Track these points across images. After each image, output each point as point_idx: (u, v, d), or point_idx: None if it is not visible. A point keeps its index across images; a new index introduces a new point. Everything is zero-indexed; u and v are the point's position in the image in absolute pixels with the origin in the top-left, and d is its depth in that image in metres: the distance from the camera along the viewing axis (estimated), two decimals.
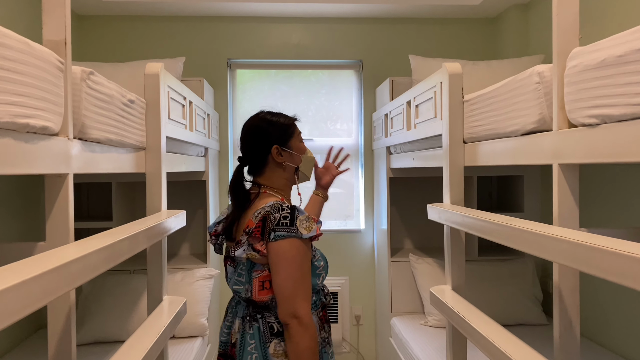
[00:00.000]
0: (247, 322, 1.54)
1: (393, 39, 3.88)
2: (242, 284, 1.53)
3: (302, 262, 1.47)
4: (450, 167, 1.99)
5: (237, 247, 1.50)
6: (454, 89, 1.99)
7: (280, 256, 1.44)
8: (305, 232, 1.46)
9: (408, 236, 3.85)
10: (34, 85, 1.02)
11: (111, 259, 1.15)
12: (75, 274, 0.97)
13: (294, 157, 1.67)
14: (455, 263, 1.96)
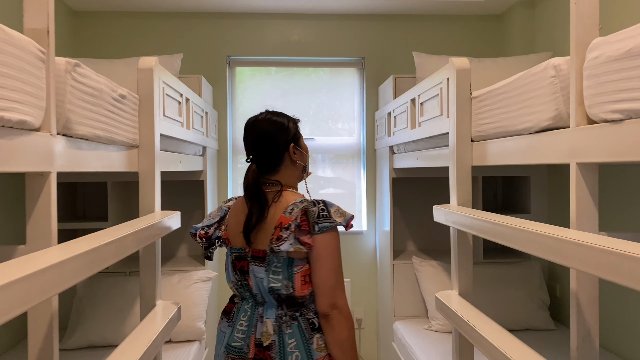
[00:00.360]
0: (284, 322, 1.53)
1: (396, 36, 3.80)
2: (280, 281, 1.51)
3: (339, 253, 1.53)
4: (458, 167, 1.90)
5: (278, 242, 1.47)
6: (462, 85, 1.90)
7: (325, 248, 1.48)
8: (342, 220, 1.52)
9: (411, 238, 3.76)
10: (9, 76, 0.94)
11: (95, 263, 1.07)
12: (55, 280, 0.89)
13: (304, 155, 1.71)
14: (463, 267, 1.87)
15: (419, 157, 2.63)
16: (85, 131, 1.30)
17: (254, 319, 1.57)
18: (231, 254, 1.62)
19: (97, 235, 1.20)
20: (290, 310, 1.54)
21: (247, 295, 1.60)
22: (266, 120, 1.63)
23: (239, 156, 3.82)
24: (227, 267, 1.65)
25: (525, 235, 1.17)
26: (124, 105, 1.62)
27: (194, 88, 3.17)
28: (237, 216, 1.63)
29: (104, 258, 1.10)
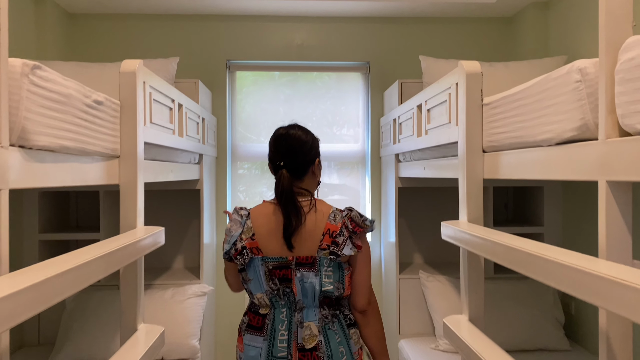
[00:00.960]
0: (328, 322, 1.62)
1: (402, 40, 3.64)
2: (332, 284, 1.60)
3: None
4: (468, 180, 1.74)
5: (338, 247, 1.59)
6: (472, 90, 1.74)
7: (367, 251, 1.67)
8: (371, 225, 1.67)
9: (418, 250, 3.59)
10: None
11: (53, 294, 0.92)
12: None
13: (320, 170, 1.85)
14: (473, 291, 1.71)
15: (426, 167, 2.47)
16: (48, 142, 1.15)
17: (293, 326, 1.62)
18: (265, 263, 1.62)
19: (56, 261, 1.05)
20: (331, 310, 1.63)
21: (282, 303, 1.64)
22: (302, 131, 1.79)
23: (238, 163, 3.68)
24: (256, 278, 1.64)
25: (545, 264, 1.01)
26: (100, 112, 1.47)
27: (190, 93, 3.03)
28: (269, 223, 1.66)
29: (64, 288, 0.96)
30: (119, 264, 1.35)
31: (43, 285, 0.87)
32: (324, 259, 1.59)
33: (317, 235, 1.61)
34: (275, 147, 1.75)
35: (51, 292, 0.91)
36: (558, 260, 0.97)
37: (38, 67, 1.10)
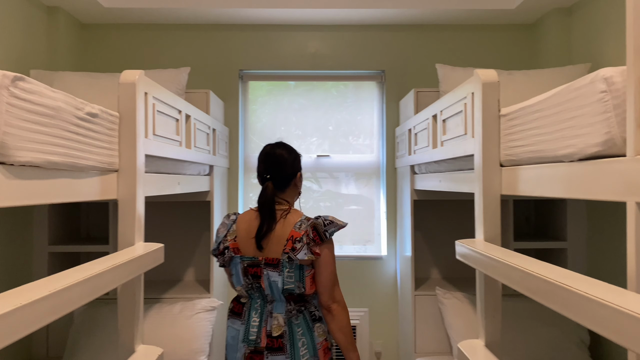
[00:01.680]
0: (293, 315, 1.89)
1: (418, 48, 3.55)
2: (293, 283, 1.85)
3: (335, 259, 1.93)
4: (484, 195, 1.63)
5: (294, 252, 1.83)
6: (489, 100, 1.64)
7: (328, 256, 1.88)
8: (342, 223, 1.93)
9: (435, 265, 3.46)
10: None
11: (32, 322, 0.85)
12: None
13: (300, 182, 2.07)
14: (490, 314, 1.60)
15: (442, 180, 2.36)
16: (32, 157, 1.09)
17: (264, 315, 1.90)
18: (242, 261, 1.90)
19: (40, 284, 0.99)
20: (297, 306, 1.90)
21: (257, 295, 1.93)
22: (285, 148, 2.01)
23: (251, 174, 3.61)
24: (236, 273, 1.93)
25: (567, 296, 0.90)
26: (95, 125, 1.41)
27: (201, 103, 2.98)
28: (248, 228, 1.93)
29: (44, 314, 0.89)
30: (114, 283, 1.29)
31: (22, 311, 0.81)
32: (285, 262, 1.84)
33: (282, 240, 1.86)
34: (262, 162, 1.99)
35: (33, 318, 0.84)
36: (581, 292, 0.86)
37: (20, 79, 1.04)
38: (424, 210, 3.40)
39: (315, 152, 3.62)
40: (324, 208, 3.61)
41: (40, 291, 0.94)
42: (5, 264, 2.69)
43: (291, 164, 1.99)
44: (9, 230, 2.70)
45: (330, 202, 3.62)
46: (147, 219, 3.40)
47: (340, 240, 3.60)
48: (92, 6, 3.16)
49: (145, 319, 2.74)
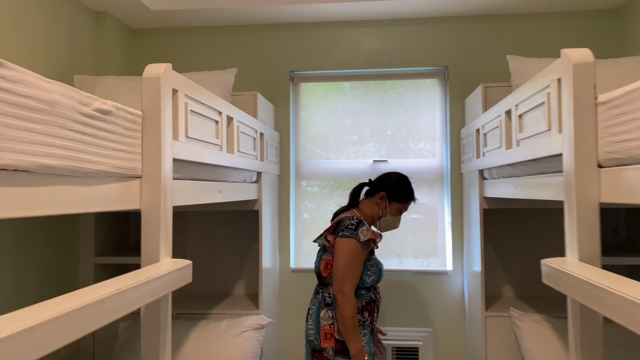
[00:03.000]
0: (315, 293, 2.22)
1: (485, 40, 3.20)
2: (317, 262, 2.24)
3: (354, 256, 2.08)
4: (578, 204, 1.31)
5: (318, 237, 2.26)
6: (582, 86, 1.31)
7: (341, 248, 2.09)
8: (362, 237, 2.08)
9: (508, 281, 3.09)
10: None
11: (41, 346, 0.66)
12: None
13: (384, 210, 2.29)
14: (588, 353, 1.26)
15: (518, 186, 2.03)
16: (15, 160, 0.89)
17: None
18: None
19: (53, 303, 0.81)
20: (319, 286, 2.23)
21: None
22: (391, 174, 2.35)
23: (304, 180, 3.39)
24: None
25: None
26: (107, 124, 1.22)
27: (248, 106, 2.79)
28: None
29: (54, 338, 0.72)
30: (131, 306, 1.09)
31: None
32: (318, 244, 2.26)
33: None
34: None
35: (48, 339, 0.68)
36: None
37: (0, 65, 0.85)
38: (494, 220, 3.05)
39: (372, 158, 3.35)
40: None
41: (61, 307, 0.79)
42: (53, 274, 2.61)
43: (381, 183, 2.30)
44: (56, 240, 2.62)
45: None
46: (193, 229, 3.30)
47: (401, 253, 3.29)
48: (140, 10, 3.06)
49: (189, 337, 2.57)
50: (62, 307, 0.88)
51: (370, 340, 2.16)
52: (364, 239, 2.07)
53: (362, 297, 2.14)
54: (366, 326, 2.13)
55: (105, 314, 1.01)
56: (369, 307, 2.15)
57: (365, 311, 2.14)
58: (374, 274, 2.16)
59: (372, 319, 2.17)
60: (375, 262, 2.18)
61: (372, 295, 2.18)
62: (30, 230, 2.45)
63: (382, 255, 3.27)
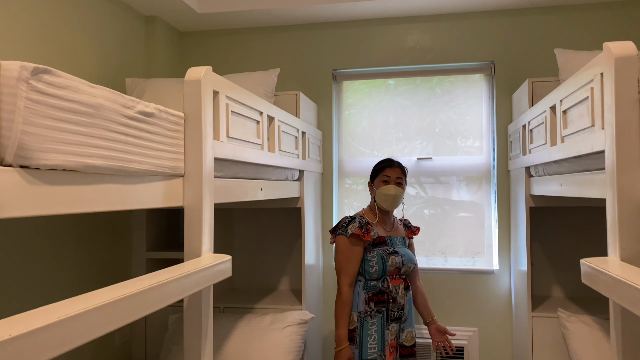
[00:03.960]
0: None
1: (533, 33, 3.12)
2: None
3: (345, 252, 2.32)
4: (619, 202, 1.27)
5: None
6: (624, 80, 1.27)
7: (336, 245, 2.37)
8: (349, 232, 2.31)
9: (557, 282, 3.00)
10: None
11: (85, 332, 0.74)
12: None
13: (373, 192, 2.46)
14: (630, 356, 1.22)
15: (563, 183, 1.97)
16: (63, 160, 0.97)
17: None
18: None
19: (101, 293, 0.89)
20: None
21: None
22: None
23: (347, 179, 3.41)
24: None
25: None
26: (151, 126, 1.29)
27: (290, 106, 2.84)
28: None
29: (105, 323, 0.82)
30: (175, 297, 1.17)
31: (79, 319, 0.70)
32: None
33: None
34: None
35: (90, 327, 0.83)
36: None
37: (45, 72, 0.92)
38: (544, 219, 2.97)
39: (418, 155, 3.33)
40: (429, 216, 3.30)
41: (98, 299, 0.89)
42: (108, 268, 2.76)
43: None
44: (109, 236, 2.76)
45: (435, 209, 3.30)
46: (241, 226, 3.38)
47: (446, 252, 3.26)
48: (187, 13, 3.17)
49: (235, 330, 2.65)
50: (110, 296, 0.95)
51: (380, 329, 2.29)
52: (350, 232, 2.29)
53: (370, 288, 2.31)
54: (373, 315, 2.29)
55: (149, 304, 1.08)
56: (375, 298, 2.29)
57: (371, 302, 2.29)
58: (377, 264, 2.29)
59: (382, 309, 2.30)
60: (377, 254, 2.30)
61: (381, 287, 2.30)
62: (87, 227, 2.60)
63: (427, 254, 3.25)
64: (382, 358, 2.28)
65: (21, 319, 0.76)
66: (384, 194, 2.38)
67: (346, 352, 2.27)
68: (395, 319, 2.32)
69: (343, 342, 2.27)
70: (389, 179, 2.39)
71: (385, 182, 2.38)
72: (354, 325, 2.31)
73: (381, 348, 2.29)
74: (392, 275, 2.33)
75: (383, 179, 2.39)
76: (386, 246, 2.35)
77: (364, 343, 2.29)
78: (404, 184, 2.43)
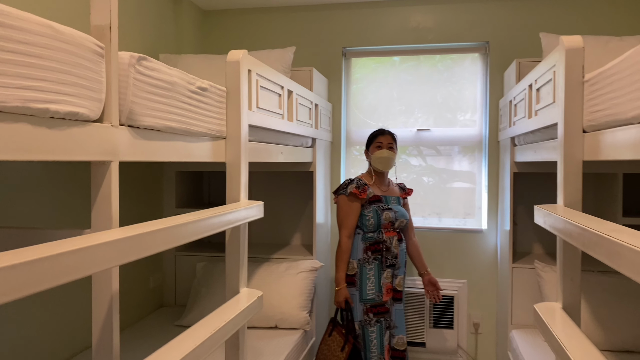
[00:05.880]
0: None
1: (524, 17, 3.44)
2: None
3: (345, 208, 2.74)
4: (565, 162, 1.65)
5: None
6: (572, 67, 1.63)
7: (337, 203, 2.80)
8: (348, 191, 2.71)
9: (538, 240, 3.40)
10: (58, 70, 1.01)
11: (150, 245, 1.11)
12: (113, 254, 0.97)
13: (369, 156, 2.85)
14: (568, 277, 1.63)
15: (536, 150, 2.35)
16: (153, 122, 1.36)
17: None
18: None
19: (162, 221, 1.26)
20: None
21: None
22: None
23: (353, 148, 3.79)
24: None
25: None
26: (205, 98, 1.67)
27: (305, 80, 3.20)
28: None
29: (158, 242, 1.14)
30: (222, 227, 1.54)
31: (147, 236, 1.07)
32: None
33: None
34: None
35: (155, 243, 1.11)
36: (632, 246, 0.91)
37: (144, 59, 1.30)
38: (528, 184, 3.34)
39: (419, 127, 3.69)
40: (427, 183, 3.68)
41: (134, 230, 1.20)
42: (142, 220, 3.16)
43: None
44: (142, 195, 3.15)
45: (432, 176, 3.68)
46: (259, 188, 3.77)
47: (440, 213, 3.66)
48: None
49: (255, 275, 3.07)
50: (174, 222, 1.25)
51: (376, 274, 2.70)
52: (348, 192, 2.69)
53: (368, 239, 2.72)
54: (370, 262, 2.70)
55: (205, 229, 1.44)
56: (372, 247, 2.71)
57: (369, 250, 2.71)
58: (372, 219, 2.69)
59: (378, 257, 2.71)
60: (373, 210, 2.70)
61: (377, 238, 2.71)
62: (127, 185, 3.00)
63: (424, 215, 3.65)
64: (380, 297, 2.69)
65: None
66: (378, 157, 2.77)
67: (343, 291, 2.68)
68: (390, 266, 2.73)
69: (341, 283, 2.68)
70: (381, 144, 2.79)
71: (379, 147, 2.79)
72: (354, 271, 2.71)
73: (378, 289, 2.69)
74: (386, 228, 2.73)
75: (377, 145, 2.80)
76: (381, 203, 2.75)
77: (364, 286, 2.69)
78: (394, 148, 2.84)
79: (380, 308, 2.69)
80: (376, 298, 2.69)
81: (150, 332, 2.87)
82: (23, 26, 0.92)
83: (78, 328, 2.47)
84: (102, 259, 0.95)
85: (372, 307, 2.68)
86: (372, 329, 2.68)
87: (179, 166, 3.34)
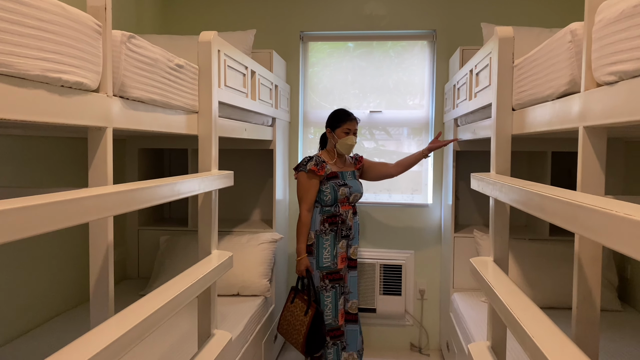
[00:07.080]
0: None
1: (469, 7, 3.74)
2: None
3: (304, 184, 2.92)
4: (497, 136, 1.92)
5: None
6: (504, 54, 1.90)
7: (297, 179, 2.96)
8: (307, 168, 2.88)
9: (478, 213, 3.74)
10: (68, 45, 1.16)
11: (134, 201, 1.26)
12: (105, 205, 1.11)
13: (334, 139, 2.99)
14: (499, 235, 1.90)
15: (476, 129, 2.64)
16: (140, 94, 1.52)
17: None
18: None
19: (143, 182, 1.42)
20: None
21: None
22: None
23: (310, 128, 4.00)
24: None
25: (556, 205, 1.07)
26: (181, 74, 1.83)
27: (265, 62, 3.36)
28: None
29: (138, 200, 1.31)
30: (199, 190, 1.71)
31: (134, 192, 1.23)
32: None
33: None
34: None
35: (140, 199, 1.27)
36: (549, 194, 1.15)
37: (133, 37, 1.46)
38: (470, 161, 3.65)
39: (370, 109, 3.94)
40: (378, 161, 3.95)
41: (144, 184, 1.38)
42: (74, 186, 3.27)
43: (327, 121, 3.04)
44: None
45: (384, 158, 3.95)
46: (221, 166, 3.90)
47: (390, 189, 3.94)
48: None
49: (218, 247, 3.23)
50: (151, 184, 1.44)
51: (332, 244, 2.93)
52: (308, 169, 2.87)
53: (325, 212, 2.93)
54: (327, 233, 2.92)
55: (171, 193, 1.61)
56: (329, 219, 2.93)
57: (326, 222, 2.92)
58: (330, 194, 2.91)
59: (334, 229, 2.93)
60: (330, 186, 2.91)
61: (334, 211, 2.94)
62: None
63: (375, 192, 3.92)
64: (335, 266, 2.92)
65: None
66: (347, 143, 2.95)
67: (304, 260, 2.89)
68: (344, 237, 2.96)
69: (302, 254, 2.90)
70: (349, 131, 2.96)
71: (347, 134, 2.95)
72: (312, 241, 2.92)
73: (334, 258, 2.93)
74: (342, 203, 2.95)
75: (345, 131, 2.95)
76: (338, 179, 2.95)
77: (320, 254, 2.92)
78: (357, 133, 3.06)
79: (335, 275, 2.93)
80: (332, 266, 2.92)
81: (117, 300, 2.98)
82: (41, 5, 1.07)
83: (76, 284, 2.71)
84: (100, 208, 1.08)
85: (328, 274, 2.92)
86: (327, 294, 2.91)
87: (141, 143, 3.44)
